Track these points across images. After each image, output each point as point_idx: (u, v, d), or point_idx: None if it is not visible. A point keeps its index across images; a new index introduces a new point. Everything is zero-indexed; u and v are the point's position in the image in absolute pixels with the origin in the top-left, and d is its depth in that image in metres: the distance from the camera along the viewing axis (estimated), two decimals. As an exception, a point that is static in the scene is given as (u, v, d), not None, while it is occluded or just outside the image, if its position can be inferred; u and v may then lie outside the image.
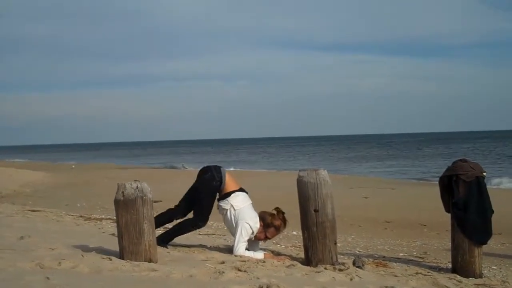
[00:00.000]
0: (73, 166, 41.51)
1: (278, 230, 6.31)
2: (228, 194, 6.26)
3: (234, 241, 6.15)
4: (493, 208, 6.23)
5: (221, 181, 6.27)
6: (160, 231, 6.52)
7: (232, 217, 6.21)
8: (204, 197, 6.27)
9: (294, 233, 9.24)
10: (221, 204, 6.30)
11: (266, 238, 6.36)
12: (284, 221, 6.32)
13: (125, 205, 5.41)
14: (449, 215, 6.32)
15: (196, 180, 6.46)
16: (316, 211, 5.75)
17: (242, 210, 6.20)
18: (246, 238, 6.15)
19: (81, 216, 11.01)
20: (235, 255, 6.00)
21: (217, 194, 6.32)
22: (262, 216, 6.26)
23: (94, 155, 79.01)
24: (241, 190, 6.36)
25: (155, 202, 5.90)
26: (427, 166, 34.13)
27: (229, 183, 6.32)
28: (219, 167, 6.44)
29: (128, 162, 51.97)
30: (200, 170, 6.54)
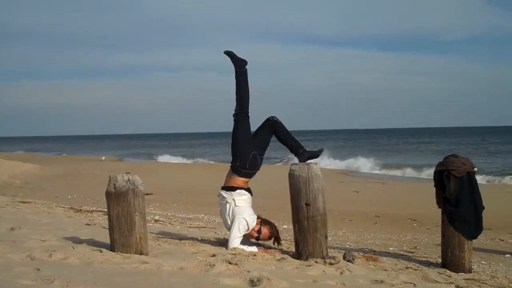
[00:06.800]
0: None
1: (271, 233, 6.26)
2: (234, 189, 6.18)
3: (230, 235, 6.11)
4: (484, 203, 6.25)
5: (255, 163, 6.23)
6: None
7: (231, 211, 6.15)
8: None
9: (285, 226, 9.25)
10: (224, 195, 6.21)
11: (257, 237, 6.32)
12: (276, 234, 6.32)
13: (116, 197, 5.40)
14: (439, 210, 6.35)
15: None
16: (307, 205, 5.74)
17: (241, 207, 6.17)
18: (242, 234, 6.12)
19: (72, 208, 10.99)
20: (229, 249, 5.98)
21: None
22: (266, 220, 6.28)
23: (86, 147, 78.71)
24: (248, 190, 6.29)
25: (146, 194, 5.90)
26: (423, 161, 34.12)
27: (242, 178, 6.21)
28: (262, 158, 6.35)
29: (120, 154, 51.84)
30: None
